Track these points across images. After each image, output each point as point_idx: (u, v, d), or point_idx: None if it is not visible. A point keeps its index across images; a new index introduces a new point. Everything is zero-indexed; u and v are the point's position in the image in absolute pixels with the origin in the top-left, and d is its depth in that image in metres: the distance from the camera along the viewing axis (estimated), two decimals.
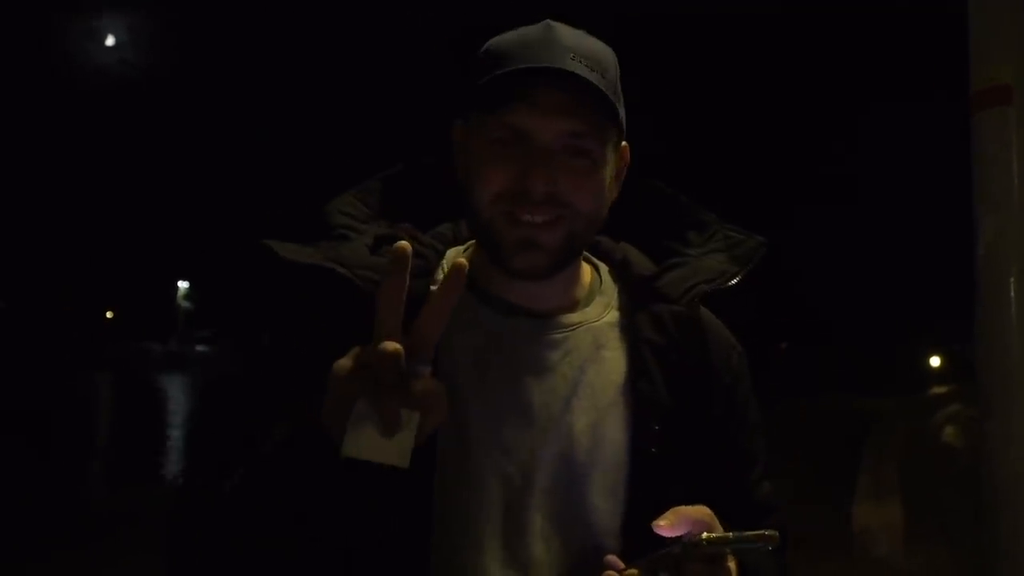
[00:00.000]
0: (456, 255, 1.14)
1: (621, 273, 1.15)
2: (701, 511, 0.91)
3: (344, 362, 0.83)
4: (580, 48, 1.02)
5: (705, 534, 0.87)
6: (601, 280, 1.15)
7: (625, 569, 0.91)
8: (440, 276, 1.10)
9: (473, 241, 1.15)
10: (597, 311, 1.11)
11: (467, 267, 0.85)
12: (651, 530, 0.93)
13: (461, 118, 1.09)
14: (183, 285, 70.73)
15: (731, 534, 0.86)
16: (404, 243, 0.82)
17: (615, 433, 1.04)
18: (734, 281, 1.10)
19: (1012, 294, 1.44)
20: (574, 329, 1.08)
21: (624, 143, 1.10)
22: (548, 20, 1.05)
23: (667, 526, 0.89)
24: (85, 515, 6.83)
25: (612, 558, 0.93)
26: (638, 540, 0.97)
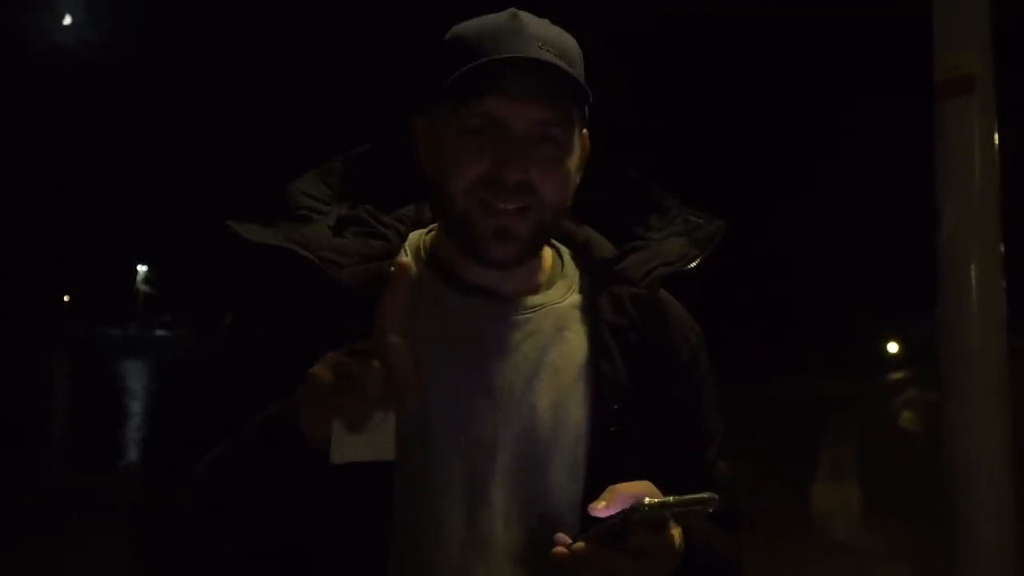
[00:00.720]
0: (419, 238, 1.14)
1: (582, 256, 1.16)
2: (640, 486, 0.92)
3: (323, 373, 0.84)
4: (548, 37, 1.03)
5: (647, 499, 0.88)
6: (563, 263, 1.15)
7: (573, 543, 0.92)
8: (403, 256, 1.10)
9: (436, 224, 1.15)
10: (559, 293, 1.12)
11: (410, 268, 0.86)
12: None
13: (424, 109, 1.09)
14: (142, 269, 69.88)
15: (671, 498, 0.88)
16: (406, 260, 0.84)
17: (576, 412, 1.05)
18: (693, 264, 1.12)
19: (973, 281, 1.47)
20: (536, 311, 1.09)
21: (584, 130, 1.10)
22: (513, 8, 1.05)
23: (604, 508, 0.90)
24: (43, 501, 6.74)
25: (561, 535, 0.94)
26: (597, 517, 0.98)
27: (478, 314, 1.07)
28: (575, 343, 1.08)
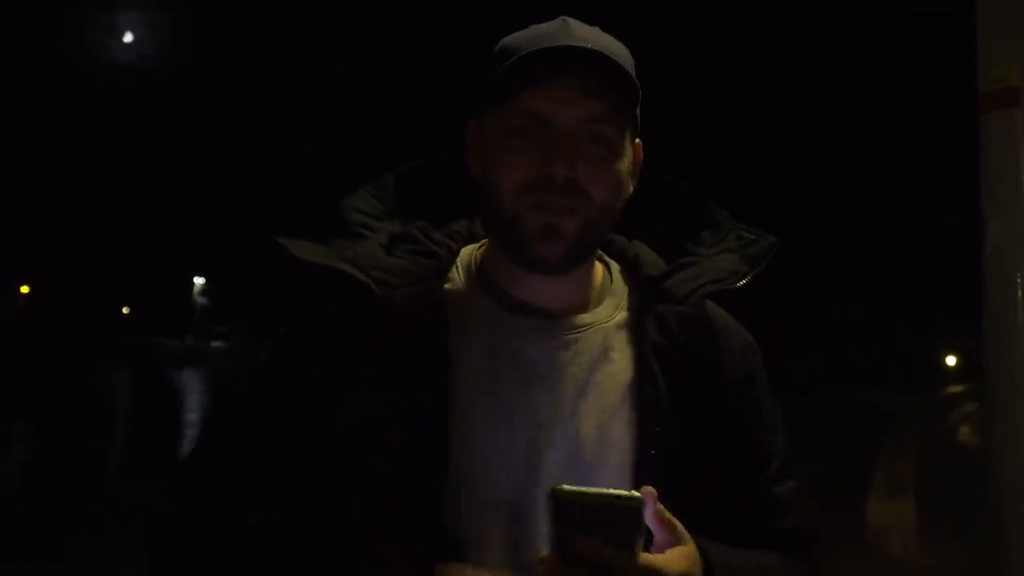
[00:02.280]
0: (470, 253, 1.14)
1: (632, 272, 1.15)
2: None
3: None
4: (596, 40, 1.02)
5: (565, 485, 0.85)
6: (612, 279, 1.14)
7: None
8: (454, 274, 1.10)
9: (487, 240, 1.14)
10: (607, 311, 1.10)
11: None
12: (657, 531, 0.92)
13: (475, 116, 1.09)
14: (199, 281, 71.04)
15: (590, 489, 0.85)
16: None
17: (621, 435, 1.04)
18: (743, 282, 1.10)
19: (1019, 294, 1.45)
20: (584, 330, 1.07)
21: (638, 140, 1.09)
22: (564, 16, 1.05)
23: None
24: (102, 509, 6.88)
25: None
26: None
27: (526, 333, 1.06)
28: (621, 364, 1.07)
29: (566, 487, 0.86)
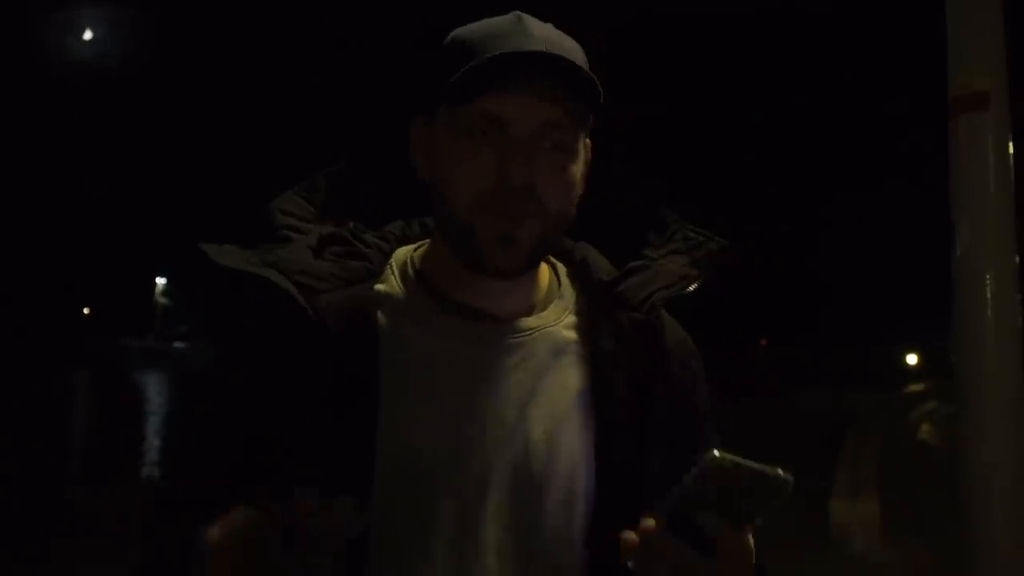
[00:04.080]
0: (406, 254, 1.09)
1: (580, 275, 1.11)
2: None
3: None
4: (553, 39, 0.98)
5: (715, 452, 0.80)
6: (560, 282, 1.10)
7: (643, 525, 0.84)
8: (388, 277, 1.05)
9: (426, 240, 1.10)
10: (555, 315, 1.06)
11: None
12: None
13: (422, 114, 1.04)
14: (161, 281, 70.26)
15: (732, 456, 0.81)
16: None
17: (571, 444, 1.00)
18: (694, 287, 1.06)
19: (988, 296, 1.47)
20: (531, 334, 1.03)
21: (587, 138, 1.05)
22: (517, 12, 1.01)
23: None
24: (64, 513, 6.78)
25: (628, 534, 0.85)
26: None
27: (469, 337, 1.01)
28: (571, 370, 1.03)
29: (723, 454, 0.81)
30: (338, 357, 0.95)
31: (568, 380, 1.03)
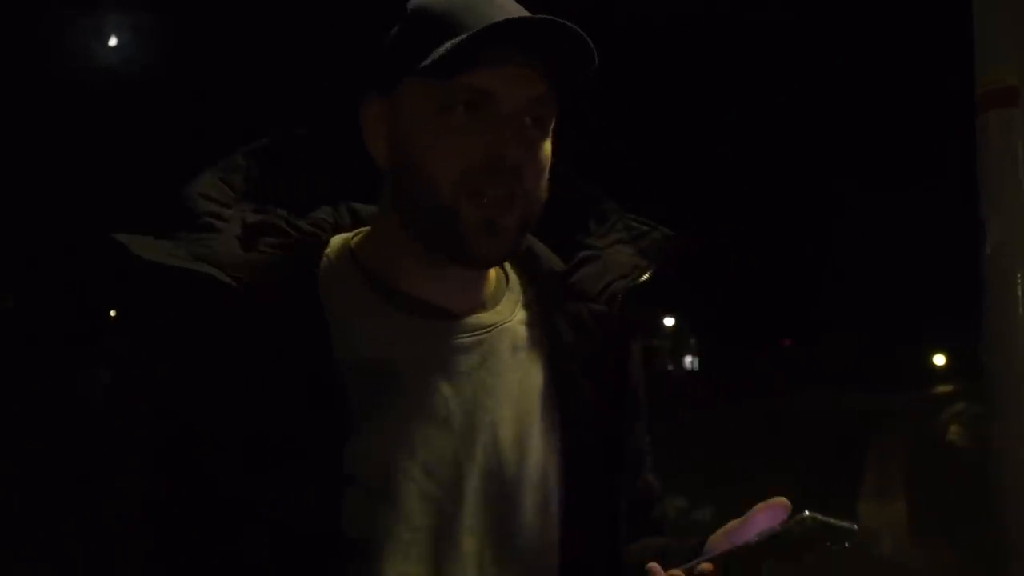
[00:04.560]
0: (343, 244, 1.00)
1: (527, 266, 1.05)
2: (774, 501, 0.85)
3: None
4: (517, 8, 0.93)
5: (808, 512, 0.80)
6: (507, 275, 1.04)
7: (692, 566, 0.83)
8: (327, 270, 0.97)
9: (365, 229, 1.01)
10: (509, 309, 1.01)
11: None
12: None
13: (377, 90, 0.95)
14: None
15: (831, 519, 0.81)
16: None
17: (540, 444, 0.96)
18: (645, 277, 1.02)
19: (1019, 293, 1.45)
20: (490, 331, 0.97)
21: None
22: None
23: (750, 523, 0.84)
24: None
25: (654, 566, 0.84)
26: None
27: (426, 336, 0.95)
28: (531, 366, 0.99)
29: (809, 513, 0.81)
30: (289, 361, 0.86)
31: (530, 378, 0.98)
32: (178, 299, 0.89)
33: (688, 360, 45.41)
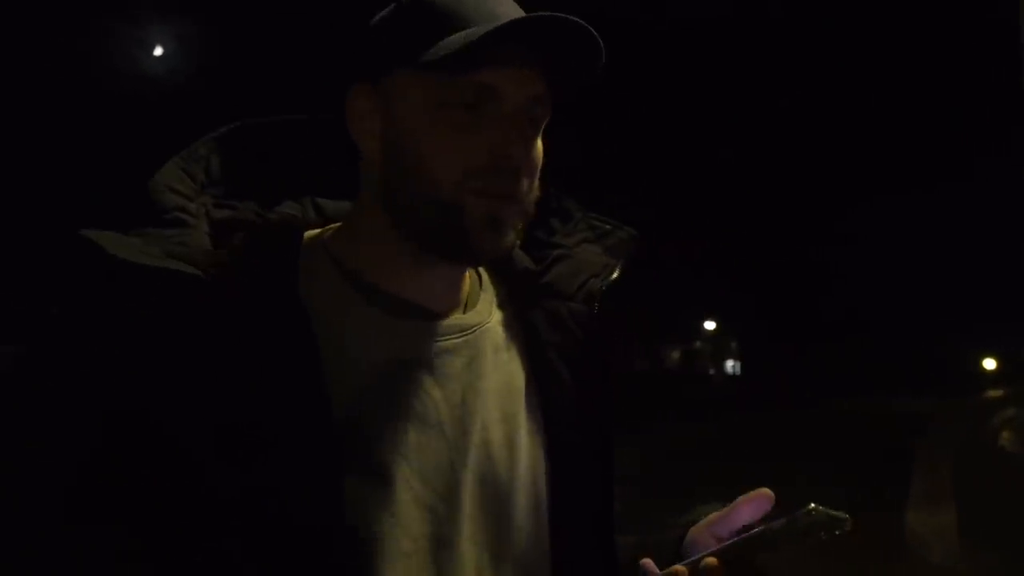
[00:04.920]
0: (314, 239, 0.95)
1: (497, 266, 1.02)
2: (757, 493, 0.85)
3: None
4: (519, 9, 0.90)
5: (813, 504, 0.79)
6: (480, 274, 1.02)
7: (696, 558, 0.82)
8: (304, 268, 0.92)
9: (334, 226, 0.97)
10: (486, 309, 0.98)
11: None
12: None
13: (365, 82, 0.92)
14: None
15: (832, 510, 0.80)
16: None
17: (528, 446, 0.94)
18: (614, 275, 1.01)
19: None
20: (473, 331, 0.95)
21: None
22: None
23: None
24: None
25: (648, 562, 0.84)
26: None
27: (411, 336, 0.91)
28: (512, 367, 0.96)
29: (814, 505, 0.80)
30: (275, 360, 0.82)
31: (513, 378, 0.96)
32: (154, 298, 0.83)
33: (730, 364, 45.12)
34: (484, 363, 0.94)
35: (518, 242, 0.97)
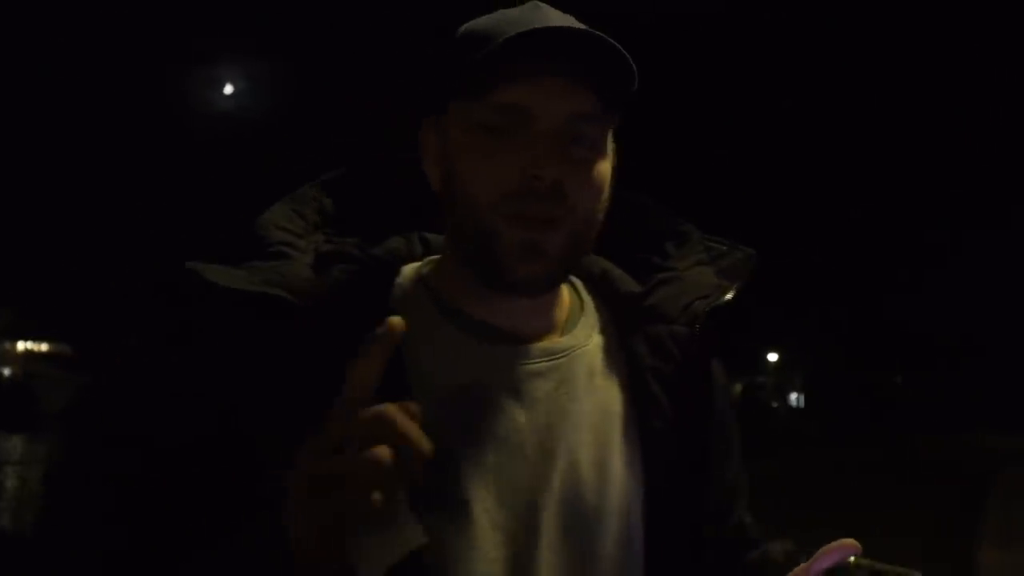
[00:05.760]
0: (415, 272, 0.97)
1: (601, 290, 1.02)
2: (840, 543, 0.81)
3: (308, 473, 0.67)
4: (576, 25, 0.88)
5: (853, 557, 0.78)
6: (582, 299, 1.00)
7: None
8: (400, 298, 0.94)
9: (434, 258, 0.99)
10: (585, 333, 0.96)
11: (400, 326, 0.71)
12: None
13: (432, 114, 0.93)
14: None
15: (877, 563, 0.78)
16: (398, 319, 0.70)
17: (621, 472, 0.91)
18: (728, 296, 0.98)
19: None
20: (566, 355, 0.94)
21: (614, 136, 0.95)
22: (534, 1, 0.92)
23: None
24: None
25: None
26: None
27: (499, 361, 0.91)
28: (609, 392, 0.95)
29: (853, 558, 0.79)
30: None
31: (608, 404, 0.94)
32: (248, 321, 0.86)
33: (793, 396, 44.12)
34: (576, 387, 0.92)
35: (600, 267, 1.00)
